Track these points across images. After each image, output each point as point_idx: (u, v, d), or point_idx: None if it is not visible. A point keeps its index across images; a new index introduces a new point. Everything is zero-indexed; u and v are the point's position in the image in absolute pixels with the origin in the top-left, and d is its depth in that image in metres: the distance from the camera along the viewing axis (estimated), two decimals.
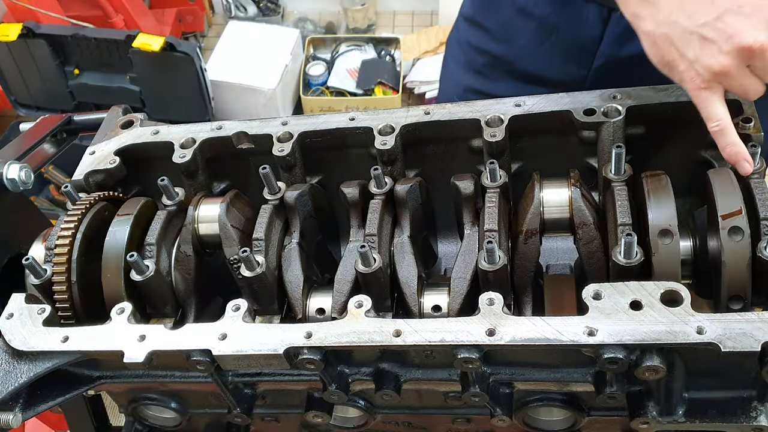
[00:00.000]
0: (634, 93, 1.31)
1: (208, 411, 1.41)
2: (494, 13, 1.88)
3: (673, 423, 1.15)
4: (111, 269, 1.28)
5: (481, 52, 1.96)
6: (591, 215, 1.21)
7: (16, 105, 4.62)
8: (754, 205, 1.10)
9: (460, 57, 2.06)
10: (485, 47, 1.94)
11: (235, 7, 5.51)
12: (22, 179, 1.43)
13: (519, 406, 1.23)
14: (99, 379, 1.34)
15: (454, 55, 2.10)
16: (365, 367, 1.24)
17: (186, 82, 4.22)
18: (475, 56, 1.99)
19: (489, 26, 1.91)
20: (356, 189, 1.34)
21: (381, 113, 1.41)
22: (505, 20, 1.83)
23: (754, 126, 1.22)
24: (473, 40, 1.99)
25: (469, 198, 1.28)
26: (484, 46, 1.94)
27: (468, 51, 2.02)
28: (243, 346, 1.12)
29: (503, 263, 1.15)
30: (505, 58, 1.88)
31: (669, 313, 1.01)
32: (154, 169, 1.52)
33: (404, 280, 1.24)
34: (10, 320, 1.22)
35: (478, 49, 1.97)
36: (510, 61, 1.87)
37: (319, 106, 4.80)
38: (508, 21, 1.82)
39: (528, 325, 1.05)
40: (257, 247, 1.28)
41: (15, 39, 4.11)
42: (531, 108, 1.34)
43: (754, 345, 0.96)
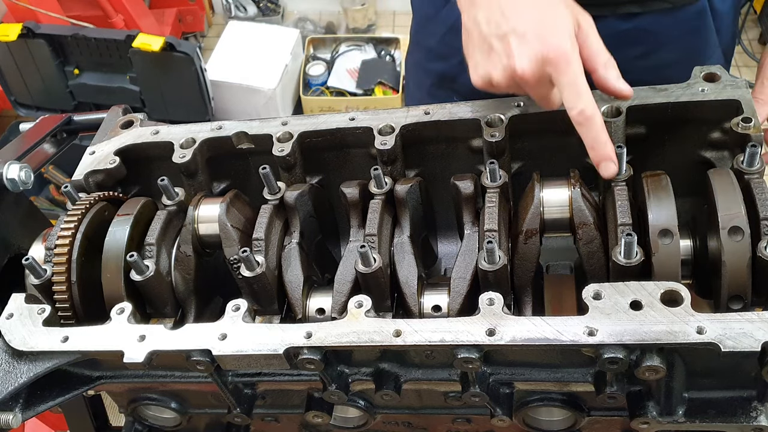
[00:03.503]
0: (634, 93, 1.31)
1: (208, 411, 1.41)
2: (431, 33, 1.91)
3: (673, 423, 1.15)
4: (111, 269, 1.28)
5: (427, 72, 2.01)
6: (591, 215, 1.21)
7: (16, 105, 4.62)
8: (754, 205, 1.10)
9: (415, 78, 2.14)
10: (430, 66, 1.99)
11: (235, 7, 5.52)
12: (22, 179, 1.43)
13: (519, 406, 1.23)
14: (99, 379, 1.34)
15: (411, 76, 2.17)
16: (365, 367, 1.24)
17: (186, 82, 4.23)
18: (423, 76, 2.04)
19: (429, 45, 1.96)
20: (356, 189, 1.34)
21: (381, 113, 1.41)
22: (440, 38, 1.87)
23: (754, 126, 1.22)
24: (420, 60, 2.05)
25: (469, 198, 1.28)
26: (429, 66, 1.99)
27: (418, 71, 2.08)
28: (243, 346, 1.12)
29: (503, 263, 1.15)
30: (447, 75, 1.93)
31: (669, 313, 1.01)
32: (154, 169, 1.52)
33: (404, 280, 1.24)
34: (10, 320, 1.22)
35: (425, 69, 2.03)
36: (452, 78, 1.91)
37: (319, 106, 4.80)
38: (443, 39, 1.86)
39: (528, 325, 1.05)
40: (257, 247, 1.28)
41: (15, 39, 4.11)
42: (531, 108, 1.34)
43: (754, 345, 0.96)
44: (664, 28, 1.66)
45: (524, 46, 1.16)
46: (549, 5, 1.19)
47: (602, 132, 1.17)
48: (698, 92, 1.28)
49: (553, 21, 1.17)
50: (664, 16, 1.64)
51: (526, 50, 1.16)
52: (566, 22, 1.17)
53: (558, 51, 1.14)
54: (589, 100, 1.15)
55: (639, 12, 1.62)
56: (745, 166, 1.15)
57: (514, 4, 1.20)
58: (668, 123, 1.32)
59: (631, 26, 1.65)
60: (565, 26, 1.16)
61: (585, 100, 1.15)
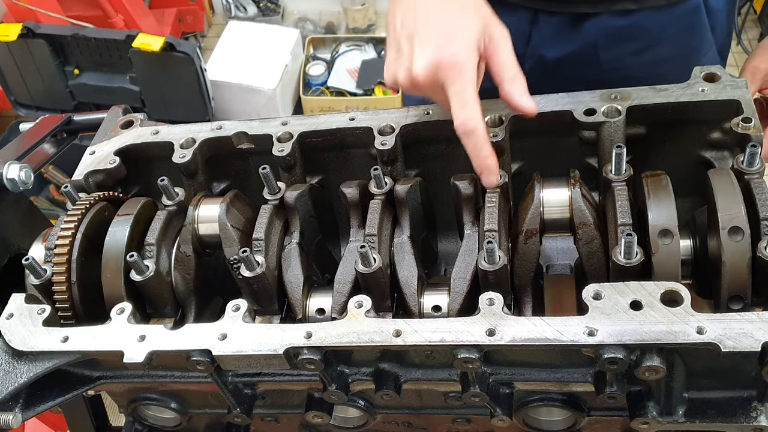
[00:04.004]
0: (634, 93, 1.31)
1: (208, 411, 1.41)
2: None
3: (673, 423, 1.15)
4: (111, 269, 1.28)
5: None
6: (591, 215, 1.21)
7: (16, 105, 4.62)
8: (754, 205, 1.09)
9: None
10: None
11: (235, 7, 5.52)
12: (22, 179, 1.43)
13: (519, 406, 1.23)
14: (99, 379, 1.34)
15: None
16: (365, 367, 1.24)
17: (186, 82, 4.23)
18: None
19: None
20: (356, 189, 1.34)
21: (381, 113, 1.41)
22: None
23: (754, 126, 1.22)
24: None
25: (469, 198, 1.28)
26: None
27: None
28: (243, 346, 1.12)
29: (503, 263, 1.15)
30: None
31: (669, 313, 1.01)
32: (154, 169, 1.52)
33: (404, 280, 1.24)
34: (10, 320, 1.22)
35: None
36: None
37: (319, 106, 4.80)
38: None
39: (528, 325, 1.05)
40: (257, 247, 1.28)
41: (15, 39, 4.11)
42: None
43: (754, 345, 0.96)
44: (659, 25, 1.67)
45: (424, 50, 1.18)
46: (458, 15, 1.21)
47: (483, 145, 1.19)
48: (698, 92, 1.28)
49: (456, 30, 1.18)
50: (658, 13, 1.65)
51: (424, 55, 1.18)
52: (470, 33, 1.18)
53: (452, 59, 1.16)
54: (472, 112, 1.17)
55: (634, 9, 1.63)
56: (745, 166, 1.15)
57: (426, 9, 1.22)
58: (668, 123, 1.32)
59: (627, 23, 1.66)
60: (467, 36, 1.18)
61: (469, 111, 1.17)
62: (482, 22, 1.21)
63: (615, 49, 1.68)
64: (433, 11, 1.21)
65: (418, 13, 1.22)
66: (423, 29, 1.20)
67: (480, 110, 1.18)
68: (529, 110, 1.23)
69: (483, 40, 1.20)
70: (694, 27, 1.70)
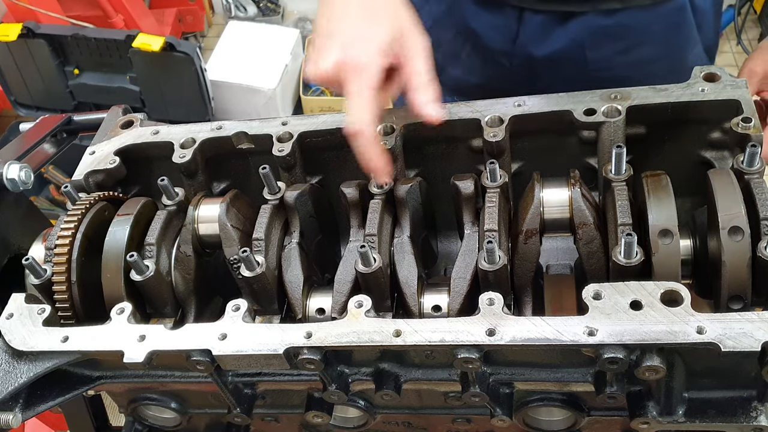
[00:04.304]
0: (634, 93, 1.31)
1: (208, 411, 1.41)
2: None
3: (673, 423, 1.15)
4: (111, 269, 1.28)
5: None
6: (591, 215, 1.21)
7: (16, 105, 4.62)
8: (754, 205, 1.09)
9: None
10: None
11: (235, 7, 5.52)
12: (22, 179, 1.43)
13: (519, 406, 1.23)
14: (99, 379, 1.34)
15: None
16: (365, 367, 1.24)
17: (186, 82, 4.23)
18: None
19: None
20: (356, 189, 1.34)
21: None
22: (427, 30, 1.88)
23: (753, 126, 1.22)
24: None
25: (469, 198, 1.28)
26: None
27: None
28: (243, 346, 1.12)
29: (503, 263, 1.15)
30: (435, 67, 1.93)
31: (669, 313, 1.00)
32: (154, 169, 1.52)
33: (404, 280, 1.24)
34: (10, 320, 1.22)
35: None
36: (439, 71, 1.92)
37: (319, 106, 4.80)
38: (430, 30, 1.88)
39: (528, 325, 1.05)
40: (257, 247, 1.28)
41: (15, 39, 4.11)
42: (531, 108, 1.34)
43: (754, 345, 0.96)
44: (645, 24, 1.69)
45: (333, 50, 1.25)
46: (371, 21, 1.26)
47: (369, 147, 1.23)
48: (698, 92, 1.28)
49: (366, 34, 1.24)
50: (644, 12, 1.66)
51: (332, 54, 1.24)
52: (379, 39, 1.23)
53: (353, 60, 1.22)
54: (362, 115, 1.21)
55: (619, 8, 1.65)
56: (745, 166, 1.15)
57: (345, 14, 1.28)
58: (668, 123, 1.32)
59: (612, 22, 1.67)
60: (374, 41, 1.23)
61: (358, 113, 1.21)
62: (395, 31, 1.25)
63: (601, 49, 1.70)
64: (350, 16, 1.28)
65: (339, 16, 1.29)
66: (338, 31, 1.27)
67: (372, 113, 1.21)
68: (431, 118, 1.26)
69: (395, 47, 1.25)
70: (680, 26, 1.71)
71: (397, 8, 1.29)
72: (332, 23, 1.28)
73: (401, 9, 1.29)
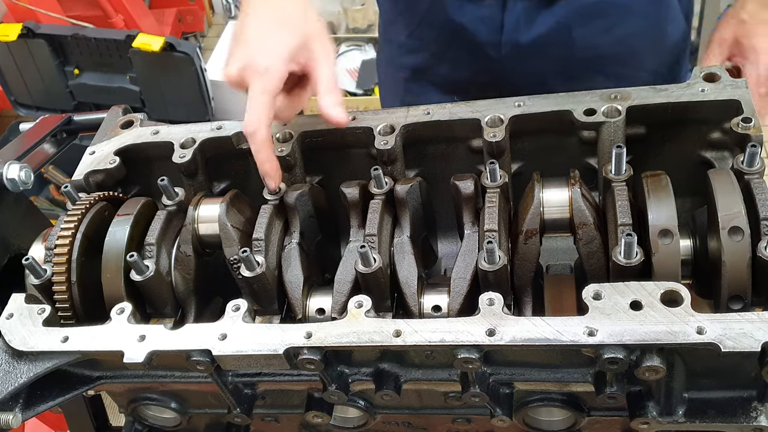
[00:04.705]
0: (634, 93, 1.31)
1: (208, 411, 1.41)
2: (400, 29, 1.98)
3: (673, 423, 1.15)
4: (111, 269, 1.28)
5: (401, 67, 2.10)
6: (591, 215, 1.20)
7: (16, 105, 4.62)
8: (754, 205, 1.09)
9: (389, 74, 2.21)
10: (403, 61, 2.06)
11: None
12: (22, 179, 1.43)
13: (519, 406, 1.23)
14: (99, 379, 1.34)
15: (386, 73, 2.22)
16: (365, 367, 1.24)
17: (186, 82, 4.22)
18: (398, 71, 2.10)
19: (400, 41, 2.02)
20: (356, 189, 1.34)
21: (381, 113, 1.41)
22: (410, 33, 1.96)
23: (754, 126, 1.22)
24: (392, 56, 2.14)
25: (469, 198, 1.28)
26: (402, 60, 2.08)
27: (392, 67, 2.15)
28: (243, 346, 1.12)
29: (503, 263, 1.15)
30: (420, 67, 2.02)
31: (669, 313, 1.00)
32: (154, 169, 1.52)
33: (404, 280, 1.24)
34: (10, 320, 1.22)
35: (398, 64, 2.11)
36: (426, 70, 1.99)
37: None
38: (413, 33, 1.95)
39: (528, 325, 1.05)
40: (257, 247, 1.28)
41: (15, 39, 4.11)
42: (531, 108, 1.34)
43: (754, 345, 0.96)
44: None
45: (240, 54, 1.33)
46: (278, 27, 1.34)
47: (261, 149, 1.30)
48: (698, 92, 1.28)
49: (270, 41, 1.32)
50: None
51: (239, 58, 1.32)
52: (283, 45, 1.31)
53: (255, 66, 1.29)
54: (255, 118, 1.28)
55: None
56: (745, 166, 1.15)
57: (255, 18, 1.36)
58: (668, 123, 1.32)
59: (596, 0, 1.69)
60: (278, 48, 1.30)
61: (252, 116, 1.28)
62: (301, 38, 1.32)
63: (587, 28, 1.73)
64: (259, 23, 1.36)
65: (249, 23, 1.36)
66: (247, 37, 1.34)
67: (267, 116, 1.28)
68: (336, 120, 1.32)
69: (301, 54, 1.32)
70: None
71: (306, 16, 1.35)
72: (243, 29, 1.36)
73: (309, 17, 1.36)
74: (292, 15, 1.35)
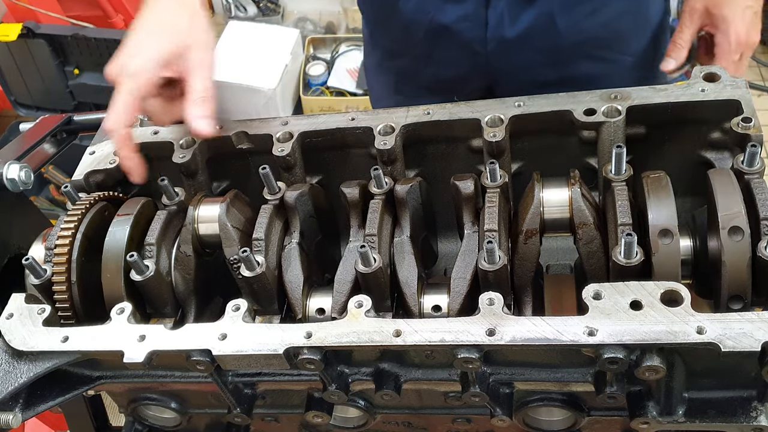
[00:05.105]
0: (634, 93, 1.31)
1: (208, 411, 1.41)
2: (385, 34, 2.01)
3: (673, 423, 1.15)
4: (111, 269, 1.28)
5: (389, 71, 2.12)
6: (591, 215, 1.20)
7: (16, 105, 4.62)
8: (754, 205, 1.09)
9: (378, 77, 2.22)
10: (390, 65, 2.09)
11: (235, 7, 5.51)
12: (22, 179, 1.43)
13: (519, 406, 1.23)
14: (99, 379, 1.34)
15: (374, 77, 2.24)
16: (365, 367, 1.24)
17: None
18: (386, 75, 2.13)
19: (386, 46, 2.05)
20: (356, 189, 1.34)
21: (381, 113, 1.41)
22: (395, 37, 1.97)
23: (754, 126, 1.22)
24: (380, 61, 2.16)
25: (469, 198, 1.28)
26: (389, 64, 2.10)
27: (380, 71, 2.18)
28: (243, 346, 1.12)
29: (503, 263, 1.15)
30: (408, 70, 2.03)
31: (669, 313, 1.00)
32: (154, 169, 1.52)
33: (404, 280, 1.24)
34: (10, 320, 1.22)
35: (386, 68, 2.12)
36: (413, 72, 2.00)
37: (319, 106, 4.80)
38: (397, 38, 1.96)
39: (528, 325, 1.05)
40: (257, 247, 1.28)
41: (15, 39, 4.11)
42: (531, 108, 1.34)
43: (754, 345, 0.96)
44: None
45: (119, 56, 1.40)
46: (157, 34, 1.40)
47: (121, 147, 1.39)
48: (698, 92, 1.28)
49: (146, 46, 1.39)
50: None
51: (117, 60, 1.39)
52: (157, 52, 1.36)
53: (126, 69, 1.36)
54: (114, 117, 1.35)
55: None
56: (745, 166, 1.15)
57: (142, 23, 1.42)
58: (668, 123, 1.32)
59: None
60: (150, 54, 1.36)
61: (112, 115, 1.36)
62: (178, 47, 1.37)
63: (571, 14, 1.74)
64: (142, 28, 1.42)
65: (138, 26, 1.43)
66: (130, 39, 1.41)
67: (127, 117, 1.35)
68: (199, 132, 1.37)
69: (176, 62, 1.37)
70: None
71: (191, 25, 1.40)
72: (131, 33, 1.43)
73: (195, 26, 1.40)
74: (176, 23, 1.40)
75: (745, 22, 1.62)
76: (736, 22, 1.61)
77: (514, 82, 1.87)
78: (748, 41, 1.62)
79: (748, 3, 1.63)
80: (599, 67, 1.83)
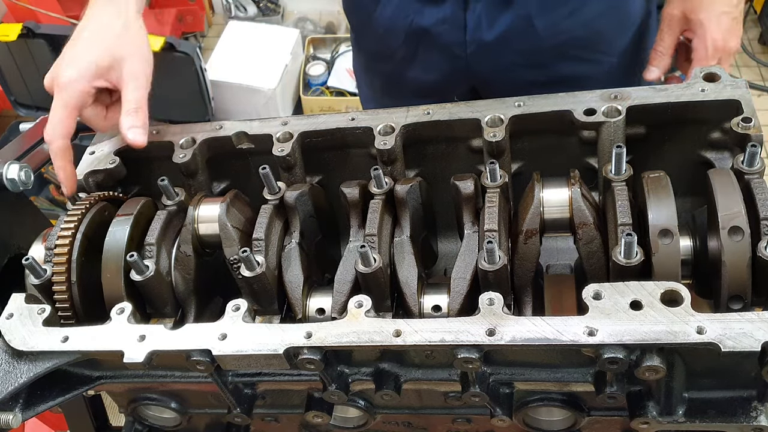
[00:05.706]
0: (634, 93, 1.31)
1: (208, 411, 1.41)
2: (369, 37, 2.02)
3: (673, 423, 1.15)
4: (111, 269, 1.28)
5: (375, 73, 2.13)
6: (591, 215, 1.20)
7: (16, 105, 4.62)
8: (754, 205, 1.09)
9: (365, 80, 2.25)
10: (376, 67, 2.10)
11: (235, 7, 5.51)
12: (22, 179, 1.43)
13: (519, 406, 1.23)
14: (99, 379, 1.34)
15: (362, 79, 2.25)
16: (365, 367, 1.24)
17: (186, 82, 4.22)
18: (372, 77, 2.15)
19: (370, 49, 2.06)
20: (356, 189, 1.34)
21: (381, 113, 1.41)
22: (378, 41, 1.98)
23: (754, 126, 1.22)
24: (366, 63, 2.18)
25: (469, 198, 1.28)
26: (375, 67, 2.12)
27: (367, 73, 2.19)
28: (243, 346, 1.12)
29: (503, 263, 1.15)
30: (393, 73, 2.05)
31: (669, 313, 1.00)
32: (154, 169, 1.52)
33: (404, 280, 1.24)
34: (10, 320, 1.22)
35: (372, 71, 2.15)
36: (399, 75, 2.01)
37: (319, 106, 4.80)
38: (380, 41, 1.98)
39: (528, 325, 1.05)
40: (257, 247, 1.28)
41: (15, 39, 4.11)
42: (531, 108, 1.34)
43: (754, 345, 0.96)
44: None
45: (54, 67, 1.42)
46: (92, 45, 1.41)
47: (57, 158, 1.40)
48: (698, 92, 1.28)
49: (80, 57, 1.40)
50: None
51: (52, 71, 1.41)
52: (90, 64, 1.38)
53: (59, 79, 1.38)
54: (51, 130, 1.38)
55: None
56: (745, 166, 1.15)
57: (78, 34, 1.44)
58: (668, 123, 1.32)
59: None
60: (82, 65, 1.38)
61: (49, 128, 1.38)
62: (112, 58, 1.40)
63: (550, 16, 1.74)
64: (79, 39, 1.43)
65: (73, 39, 1.44)
66: (65, 51, 1.43)
67: (64, 128, 1.37)
68: (131, 142, 1.40)
69: (110, 73, 1.40)
70: None
71: (127, 35, 1.42)
72: (68, 43, 1.44)
73: (131, 36, 1.42)
74: (112, 33, 1.42)
75: (721, 28, 1.60)
76: (712, 27, 1.60)
77: (496, 85, 1.87)
78: (725, 47, 1.61)
79: (725, 9, 1.61)
80: (582, 68, 1.83)
